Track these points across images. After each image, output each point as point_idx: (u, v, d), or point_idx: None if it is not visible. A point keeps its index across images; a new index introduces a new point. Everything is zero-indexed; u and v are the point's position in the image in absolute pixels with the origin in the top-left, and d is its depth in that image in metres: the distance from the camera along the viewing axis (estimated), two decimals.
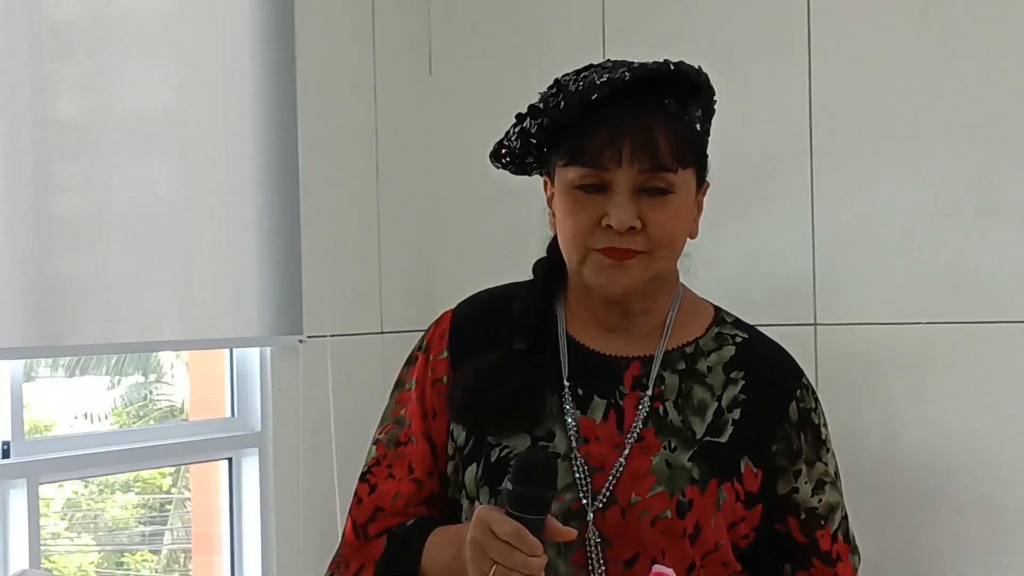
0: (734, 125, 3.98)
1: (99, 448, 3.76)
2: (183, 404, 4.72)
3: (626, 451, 1.78)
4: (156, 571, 4.81)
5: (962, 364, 3.88)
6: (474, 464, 1.82)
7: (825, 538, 1.90)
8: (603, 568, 1.73)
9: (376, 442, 1.93)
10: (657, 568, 1.69)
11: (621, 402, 1.80)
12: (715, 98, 1.93)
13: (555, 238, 1.91)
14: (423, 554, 1.81)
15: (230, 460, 4.08)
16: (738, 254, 4.09)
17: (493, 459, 1.80)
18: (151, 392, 4.86)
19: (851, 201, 3.96)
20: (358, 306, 4.37)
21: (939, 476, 3.92)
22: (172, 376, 4.81)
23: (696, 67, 1.88)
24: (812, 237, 4.00)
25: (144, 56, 3.82)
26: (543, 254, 2.00)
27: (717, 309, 1.98)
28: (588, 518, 1.75)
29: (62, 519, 4.56)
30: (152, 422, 4.88)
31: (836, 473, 1.96)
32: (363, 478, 1.93)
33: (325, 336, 4.17)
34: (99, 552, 4.80)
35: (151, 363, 4.81)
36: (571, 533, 1.65)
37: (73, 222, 3.69)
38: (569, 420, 1.81)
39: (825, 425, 1.93)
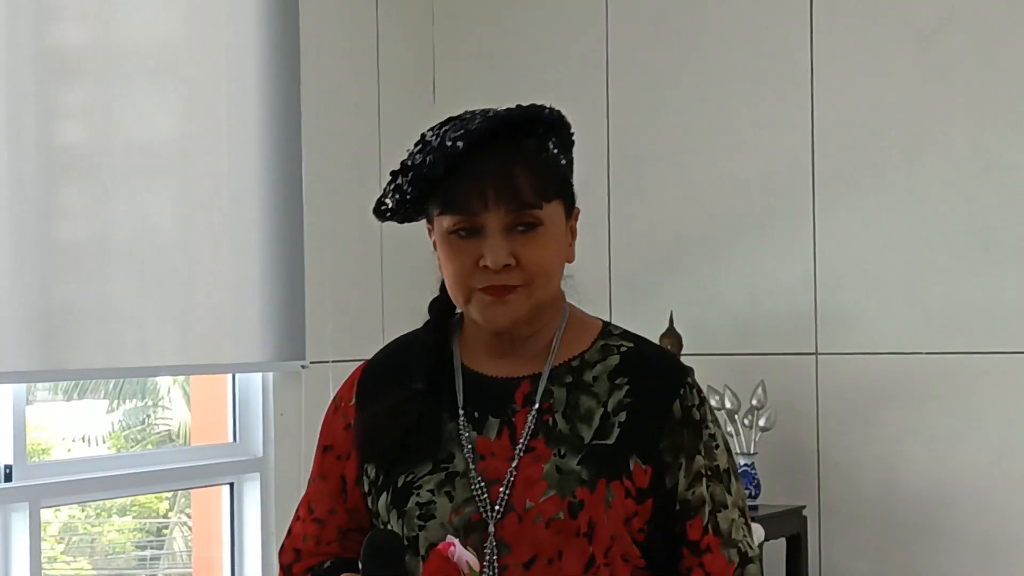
0: (737, 160, 4.10)
1: (102, 472, 3.80)
2: (180, 429, 4.72)
3: (515, 461, 1.93)
4: None
5: (961, 395, 3.95)
6: (384, 493, 1.98)
7: (694, 528, 1.96)
8: (500, 573, 1.92)
9: (311, 483, 2.17)
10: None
11: (513, 419, 1.95)
12: (572, 131, 2.05)
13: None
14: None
15: (232, 485, 4.12)
16: (741, 285, 4.17)
17: (400, 485, 1.96)
18: (149, 416, 4.87)
19: (852, 234, 4.03)
20: (361, 332, 4.31)
21: (938, 508, 3.99)
22: (169, 401, 4.81)
23: (547, 106, 2.02)
24: (814, 269, 4.07)
25: (149, 84, 3.88)
26: None
27: (606, 324, 2.09)
28: (489, 529, 1.90)
29: (58, 543, 4.54)
30: (150, 446, 4.87)
31: (725, 470, 2.02)
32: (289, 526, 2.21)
33: (328, 362, 4.16)
34: None
35: (148, 388, 4.80)
36: None
37: (77, 248, 3.76)
38: (465, 441, 1.96)
39: (713, 422, 2.04)
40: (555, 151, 1.98)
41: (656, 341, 3.68)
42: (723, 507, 1.96)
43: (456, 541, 1.82)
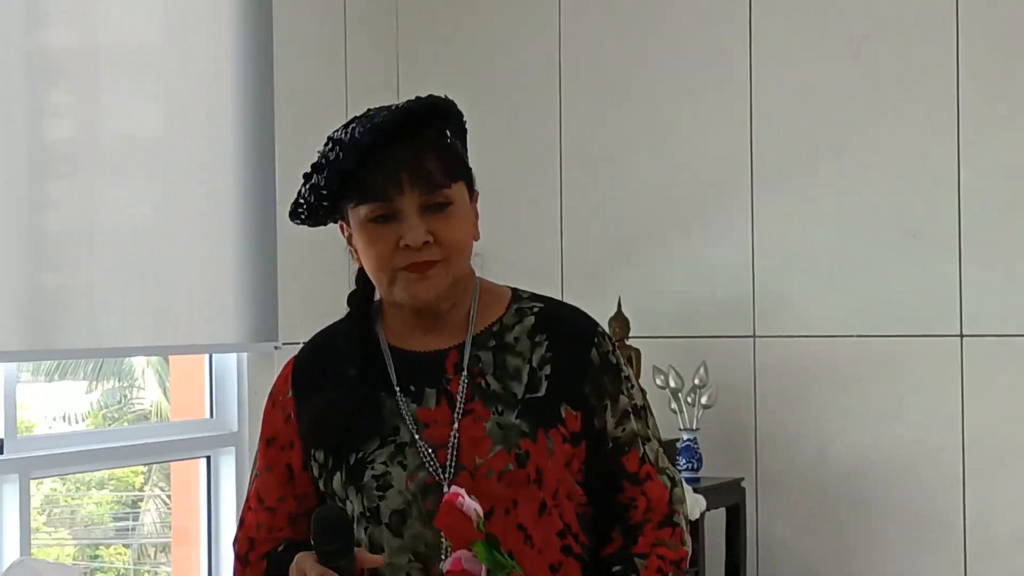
0: (680, 156, 4.15)
1: (88, 446, 3.83)
2: (153, 408, 4.77)
3: (456, 424, 1.96)
4: (127, 564, 4.95)
5: (889, 374, 4.00)
6: (337, 473, 2.01)
7: (631, 461, 2.04)
8: None
9: (252, 477, 2.15)
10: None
11: (448, 387, 1.98)
12: (464, 119, 2.09)
13: (360, 270, 2.08)
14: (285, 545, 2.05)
15: (208, 458, 4.14)
16: (685, 273, 4.18)
17: (352, 463, 2.00)
18: (125, 396, 4.90)
19: (788, 223, 4.07)
20: (330, 315, 4.06)
21: (867, 480, 4.06)
22: (143, 382, 4.88)
23: (443, 96, 2.06)
24: (752, 258, 4.11)
25: (132, 84, 3.90)
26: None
27: (514, 290, 2.15)
28: (444, 489, 1.91)
29: (40, 514, 4.49)
30: (125, 423, 4.89)
31: (642, 407, 2.10)
32: (239, 519, 2.18)
33: (299, 343, 3.89)
34: (75, 546, 4.75)
35: (124, 370, 4.81)
36: (377, 560, 1.95)
37: (64, 237, 3.77)
38: (406, 414, 1.98)
39: (625, 364, 2.13)
40: (454, 137, 2.02)
41: (605, 324, 3.74)
42: (647, 440, 2.04)
43: (462, 491, 1.85)
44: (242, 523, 2.10)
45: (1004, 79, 3.94)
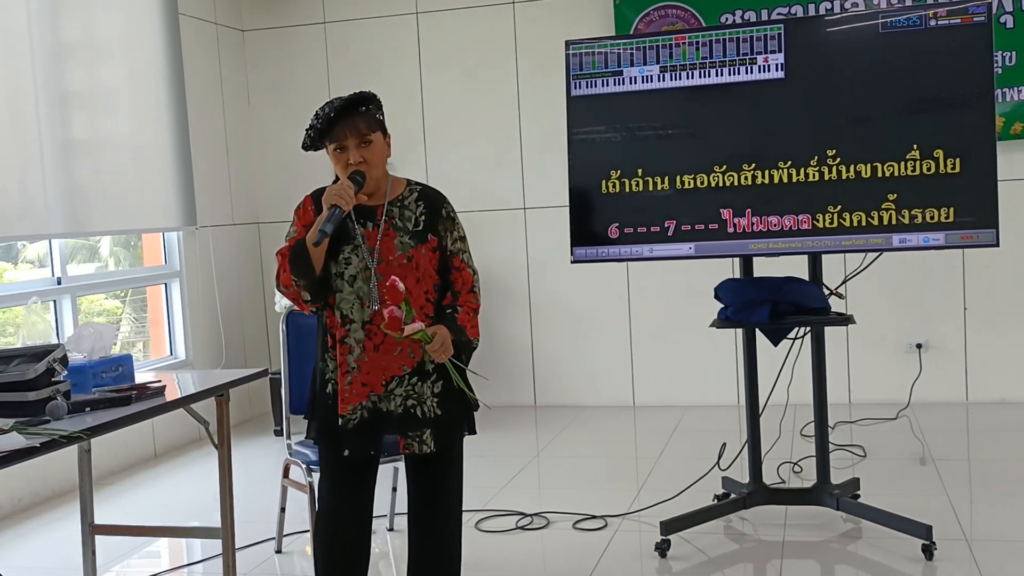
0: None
1: (111, 279, 5.60)
2: (134, 263, 6.09)
3: (379, 240, 2.78)
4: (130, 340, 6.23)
5: (496, 227, 5.63)
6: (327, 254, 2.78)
7: (458, 260, 2.89)
8: (376, 284, 2.80)
9: (287, 236, 2.91)
10: (393, 278, 2.66)
11: (378, 223, 2.79)
12: (380, 100, 2.89)
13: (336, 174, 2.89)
14: (306, 235, 2.83)
15: (166, 284, 6.07)
16: None
17: (334, 250, 2.79)
18: (120, 262, 6.20)
19: None
20: (225, 210, 6.04)
21: (505, 281, 5.91)
22: (110, 255, 6.12)
23: (370, 92, 2.90)
24: None
25: (111, 72, 5.36)
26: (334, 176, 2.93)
27: (408, 180, 2.93)
28: (371, 268, 2.75)
29: (95, 316, 5.84)
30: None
31: (461, 236, 2.91)
32: (285, 245, 2.89)
33: (207, 226, 6.04)
34: None
35: (96, 250, 6.00)
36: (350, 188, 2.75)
37: (83, 147, 5.03)
38: (359, 232, 2.79)
39: (458, 218, 2.92)
40: (373, 109, 2.90)
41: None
42: (464, 252, 2.96)
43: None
44: (284, 248, 2.89)
45: None
